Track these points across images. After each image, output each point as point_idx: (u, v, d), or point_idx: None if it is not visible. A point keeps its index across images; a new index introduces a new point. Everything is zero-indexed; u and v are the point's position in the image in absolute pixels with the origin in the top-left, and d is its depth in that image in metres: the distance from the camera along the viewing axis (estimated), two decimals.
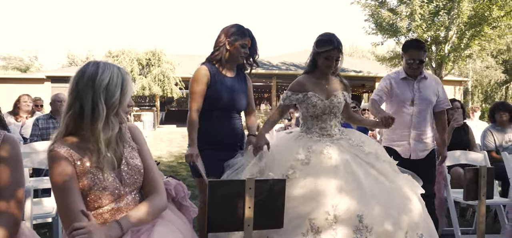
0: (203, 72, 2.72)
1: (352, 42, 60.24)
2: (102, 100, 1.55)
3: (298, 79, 2.85)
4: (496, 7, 13.10)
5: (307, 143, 2.66)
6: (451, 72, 17.04)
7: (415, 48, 3.35)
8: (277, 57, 26.99)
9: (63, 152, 1.53)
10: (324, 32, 2.77)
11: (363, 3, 16.03)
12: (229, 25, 2.82)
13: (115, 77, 1.59)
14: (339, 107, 2.79)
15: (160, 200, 1.68)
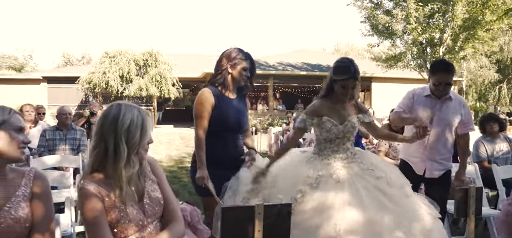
0: (208, 95, 2.84)
1: (347, 41, 60.66)
2: (123, 141, 1.70)
3: (314, 104, 2.88)
4: (488, 11, 13.37)
5: (317, 165, 2.71)
6: None
7: (444, 72, 3.28)
8: (274, 57, 27.12)
9: (93, 189, 1.68)
10: (342, 59, 2.84)
11: (360, 5, 16.23)
12: (230, 49, 2.96)
13: (136, 119, 1.75)
14: (352, 132, 2.84)
15: (179, 227, 1.85)
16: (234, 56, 2.88)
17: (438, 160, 3.34)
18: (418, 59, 16.02)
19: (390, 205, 2.50)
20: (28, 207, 1.65)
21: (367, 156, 2.86)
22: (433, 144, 3.30)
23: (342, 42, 60.11)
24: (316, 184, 2.59)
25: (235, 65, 2.87)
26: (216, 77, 2.92)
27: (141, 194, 1.81)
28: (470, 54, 15.15)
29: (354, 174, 2.65)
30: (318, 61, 26.46)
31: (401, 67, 17.55)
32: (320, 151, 2.84)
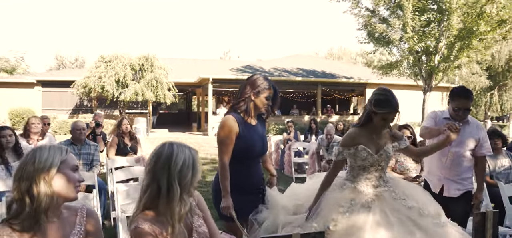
0: (233, 123, 2.87)
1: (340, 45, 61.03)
2: (176, 181, 1.76)
3: (350, 134, 2.92)
4: (483, 22, 13.67)
5: (350, 194, 2.77)
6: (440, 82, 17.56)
7: (463, 98, 3.43)
8: (269, 63, 27.29)
9: (147, 228, 1.74)
10: (382, 91, 2.83)
11: (356, 13, 16.43)
12: (254, 77, 3.00)
13: (187, 159, 1.81)
14: (387, 161, 2.88)
15: None
16: (258, 84, 2.91)
17: (456, 180, 3.48)
18: (413, 67, 16.24)
19: (420, 235, 2.53)
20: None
21: (399, 185, 2.89)
22: (450, 164, 3.46)
23: (335, 47, 60.50)
24: (349, 212, 2.64)
25: (259, 93, 2.91)
26: (239, 104, 2.95)
27: (189, 230, 1.87)
28: (464, 63, 15.44)
29: (386, 203, 2.69)
30: (313, 66, 26.67)
31: (396, 74, 17.78)
32: (353, 178, 2.87)
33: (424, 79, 16.21)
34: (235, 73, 22.71)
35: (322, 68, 26.70)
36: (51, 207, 1.66)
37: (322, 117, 22.78)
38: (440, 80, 17.12)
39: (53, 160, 1.66)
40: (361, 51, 55.75)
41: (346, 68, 29.46)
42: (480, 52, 15.27)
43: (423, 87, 16.59)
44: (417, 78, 16.67)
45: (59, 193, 1.67)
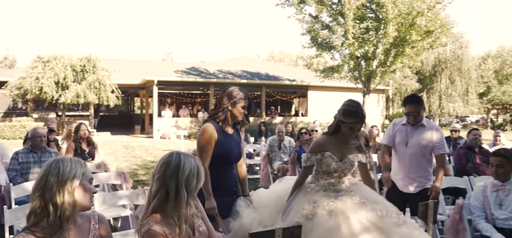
0: (213, 131, 3.09)
1: (281, 48, 62.46)
2: (183, 187, 1.97)
3: (318, 141, 3.16)
4: (414, 32, 14.99)
5: (313, 196, 2.97)
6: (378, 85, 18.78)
7: (412, 104, 3.91)
8: (213, 64, 27.36)
9: (158, 229, 1.92)
10: (352, 102, 3.07)
11: (301, 19, 17.11)
12: (231, 89, 3.22)
13: (193, 168, 2.02)
14: (350, 169, 3.07)
15: None
16: (235, 95, 3.14)
17: (414, 178, 3.93)
18: (353, 71, 17.24)
19: (379, 235, 2.73)
20: None
21: (361, 190, 3.09)
22: (409, 163, 3.94)
23: (275, 49, 61.75)
24: (312, 215, 2.85)
25: (235, 104, 3.13)
26: (218, 114, 3.17)
27: (192, 229, 2.09)
28: (398, 68, 16.73)
29: (347, 207, 2.87)
30: (257, 69, 27.14)
31: (338, 78, 18.73)
32: (317, 181, 3.09)
33: (363, 83, 17.28)
34: (180, 75, 22.58)
35: (266, 70, 27.25)
36: (71, 215, 1.82)
37: (266, 119, 23.29)
38: (378, 84, 18.34)
39: (75, 172, 1.81)
40: (301, 53, 57.78)
41: (288, 70, 30.26)
42: (412, 59, 16.63)
43: (362, 90, 17.65)
44: (357, 82, 17.71)
45: (79, 203, 1.82)
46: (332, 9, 16.11)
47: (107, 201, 3.67)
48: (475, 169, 5.92)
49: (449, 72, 33.51)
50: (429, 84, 34.45)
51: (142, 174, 9.44)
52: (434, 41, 16.49)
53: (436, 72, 33.88)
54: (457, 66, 33.33)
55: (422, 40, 15.53)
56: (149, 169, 10.25)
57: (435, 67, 33.87)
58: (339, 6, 15.94)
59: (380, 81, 17.93)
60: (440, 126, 19.01)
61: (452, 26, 16.96)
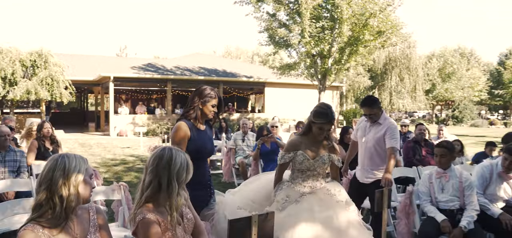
0: (186, 128, 3.28)
1: (237, 44, 62.68)
2: (175, 179, 2.18)
3: (292, 141, 3.44)
4: (367, 32, 15.77)
5: (286, 192, 3.26)
6: (333, 82, 19.51)
7: (365, 106, 4.24)
8: (171, 61, 27.15)
9: (152, 217, 2.12)
10: (323, 105, 3.36)
11: (258, 17, 17.43)
12: (202, 88, 3.41)
13: (183, 162, 2.23)
14: (322, 166, 3.31)
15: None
16: (205, 94, 3.34)
17: (368, 169, 4.26)
18: (310, 69, 17.82)
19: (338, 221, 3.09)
20: (101, 236, 2.08)
21: (332, 185, 3.37)
22: (364, 156, 4.32)
23: (232, 46, 61.92)
24: (282, 208, 3.15)
25: (206, 102, 3.33)
26: (189, 112, 3.36)
27: (181, 217, 2.32)
28: (352, 66, 17.51)
29: (314, 197, 3.21)
30: (214, 65, 27.22)
31: (294, 75, 19.26)
32: (293, 179, 3.35)
33: (319, 80, 17.91)
34: (137, 71, 22.25)
35: (223, 67, 27.39)
36: (75, 207, 1.99)
37: (224, 115, 23.49)
38: (333, 81, 19.06)
39: (80, 167, 1.96)
40: (257, 50, 58.33)
41: (245, 67, 30.54)
42: (364, 57, 17.46)
43: (318, 87, 18.29)
44: (313, 79, 18.32)
45: (82, 195, 1.99)
46: (289, 8, 16.57)
47: None
48: (421, 160, 6.49)
49: (398, 70, 35.35)
50: (380, 81, 36.14)
51: (104, 172, 9.37)
52: (385, 41, 17.42)
53: (387, 70, 35.65)
54: (406, 65, 35.22)
55: (374, 40, 16.37)
56: (110, 167, 10.19)
57: (386, 65, 35.66)
58: (296, 5, 16.42)
59: (335, 78, 18.66)
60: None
61: (402, 27, 17.99)
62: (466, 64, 44.49)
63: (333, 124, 3.31)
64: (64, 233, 1.92)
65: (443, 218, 3.64)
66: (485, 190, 3.98)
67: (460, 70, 41.63)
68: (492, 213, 3.77)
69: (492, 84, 47.13)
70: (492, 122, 41.74)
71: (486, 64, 55.54)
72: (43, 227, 1.87)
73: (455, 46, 50.89)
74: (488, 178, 3.97)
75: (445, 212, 3.73)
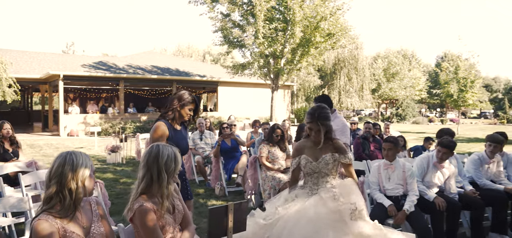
0: (164, 128, 3.59)
1: (189, 43, 62.09)
2: (163, 171, 2.47)
3: (296, 145, 3.52)
4: (318, 34, 16.52)
5: (296, 192, 3.38)
6: (285, 81, 20.13)
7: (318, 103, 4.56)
8: (123, 59, 26.62)
9: (149, 205, 2.39)
10: (314, 105, 3.50)
11: (213, 17, 17.66)
12: (181, 92, 3.74)
13: (170, 154, 2.52)
14: (327, 167, 3.31)
15: (192, 228, 2.72)
16: (184, 98, 3.69)
17: None
18: (263, 69, 18.33)
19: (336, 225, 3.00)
20: (103, 224, 2.34)
21: (344, 186, 3.29)
22: None
23: (183, 45, 61.28)
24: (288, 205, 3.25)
25: (184, 106, 3.68)
26: (168, 113, 3.69)
27: (172, 207, 2.61)
28: (304, 66, 18.22)
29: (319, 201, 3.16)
30: (167, 64, 27.06)
31: (248, 74, 19.69)
32: (305, 184, 3.44)
33: (272, 79, 18.46)
34: (88, 69, 21.69)
35: (176, 66, 27.29)
36: (82, 199, 2.23)
37: None
38: (285, 80, 19.70)
39: (86, 164, 2.20)
40: (208, 49, 58.23)
41: (198, 66, 30.57)
42: (315, 58, 18.23)
43: (271, 86, 18.84)
44: (266, 78, 18.83)
45: (88, 188, 2.23)
46: (243, 9, 16.96)
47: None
48: (370, 155, 7.11)
49: (347, 70, 36.94)
50: (330, 81, 37.56)
51: None
52: (335, 42, 18.29)
53: (336, 70, 37.14)
54: (354, 65, 36.87)
55: (324, 41, 17.17)
56: None
57: (335, 66, 37.12)
58: (250, 6, 16.83)
59: (287, 78, 19.30)
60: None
61: (350, 30, 18.95)
62: (408, 65, 47.19)
63: (323, 123, 3.29)
64: (73, 222, 2.16)
65: (390, 203, 4.18)
66: (423, 178, 4.58)
67: (403, 70, 44.09)
68: (428, 197, 4.36)
69: (431, 84, 50.37)
70: (431, 119, 44.69)
71: (425, 65, 59.22)
72: (55, 217, 2.10)
73: (398, 48, 53.74)
74: (426, 167, 4.59)
75: (391, 198, 4.27)
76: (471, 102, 33.96)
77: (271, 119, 18.82)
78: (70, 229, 2.12)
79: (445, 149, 4.48)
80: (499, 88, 70.02)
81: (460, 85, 33.86)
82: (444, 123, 40.55)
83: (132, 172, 9.43)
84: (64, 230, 2.09)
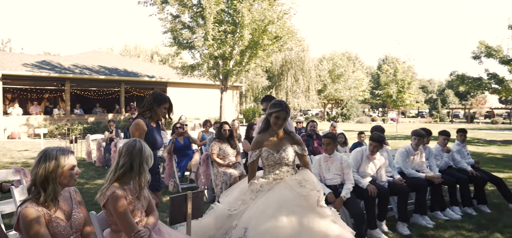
0: (143, 125, 3.96)
1: (137, 43, 60.85)
2: (144, 163, 2.85)
3: (255, 139, 3.64)
4: (266, 37, 17.16)
5: (260, 182, 3.55)
6: (234, 82, 20.56)
7: (266, 101, 4.92)
8: (68, 59, 25.78)
9: (121, 192, 2.72)
10: (277, 99, 3.67)
11: (163, 18, 17.73)
12: (157, 93, 4.14)
13: (150, 151, 2.92)
14: (288, 158, 3.53)
15: (156, 213, 3.08)
16: (160, 98, 4.07)
17: None
18: (212, 70, 18.66)
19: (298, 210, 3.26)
20: (81, 210, 2.64)
21: (303, 174, 3.53)
22: None
23: (131, 45, 59.95)
24: (255, 196, 3.47)
25: (160, 105, 4.06)
26: (145, 112, 4.06)
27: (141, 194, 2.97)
28: (252, 67, 18.78)
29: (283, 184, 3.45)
30: (114, 64, 26.55)
31: (197, 75, 19.93)
32: (265, 175, 3.62)
33: (221, 80, 18.84)
34: (31, 69, 20.80)
35: (124, 66, 26.85)
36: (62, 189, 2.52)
37: (126, 115, 23.14)
38: (234, 82, 20.15)
39: (66, 156, 2.48)
40: (156, 49, 57.40)
41: (147, 67, 30.24)
42: (263, 60, 18.85)
43: (220, 87, 19.21)
44: (215, 79, 19.18)
45: (68, 180, 2.51)
46: (193, 11, 17.20)
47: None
48: (314, 151, 7.71)
49: (294, 72, 38.13)
50: (277, 82, 38.56)
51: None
52: (282, 45, 19.00)
53: (283, 71, 38.21)
54: (300, 67, 38.13)
55: (272, 44, 17.84)
56: None
57: (282, 67, 38.19)
58: (199, 8, 17.11)
59: (236, 79, 19.76)
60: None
61: (297, 33, 19.75)
62: (352, 67, 49.44)
63: (289, 114, 3.57)
64: (56, 209, 2.46)
65: (329, 192, 4.74)
66: (358, 169, 5.20)
67: (347, 72, 46.16)
68: (362, 185, 4.97)
69: (373, 85, 53.06)
70: (373, 118, 47.11)
71: (368, 67, 62.24)
72: (39, 205, 2.38)
73: (343, 50, 56.07)
74: (360, 159, 5.21)
75: (330, 187, 4.82)
76: (408, 102, 36.30)
77: (220, 119, 19.17)
78: (54, 215, 2.42)
79: (375, 143, 5.13)
80: (433, 89, 75.07)
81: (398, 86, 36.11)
82: (386, 121, 42.96)
83: (84, 173, 9.42)
84: (49, 216, 2.38)
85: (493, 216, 5.82)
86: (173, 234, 3.08)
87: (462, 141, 6.94)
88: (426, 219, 5.41)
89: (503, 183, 6.42)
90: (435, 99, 69.74)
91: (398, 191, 5.26)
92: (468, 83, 21.61)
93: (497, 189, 6.52)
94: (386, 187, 5.20)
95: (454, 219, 5.63)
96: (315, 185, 3.42)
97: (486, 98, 54.86)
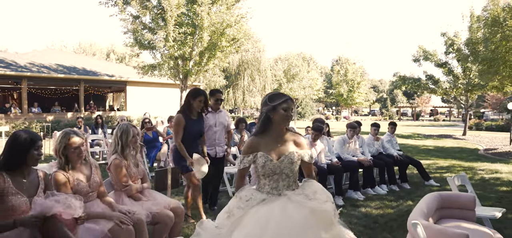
0: (181, 119, 4.86)
1: (92, 40, 59.82)
2: (129, 141, 3.85)
3: (248, 141, 2.80)
4: (224, 39, 18.20)
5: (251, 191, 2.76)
6: (193, 82, 21.39)
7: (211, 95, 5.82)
8: (24, 56, 25.46)
9: (119, 161, 3.72)
10: (271, 93, 2.84)
11: (123, 18, 18.23)
12: (194, 89, 5.01)
13: (136, 131, 3.90)
14: (291, 167, 2.72)
15: (149, 182, 4.08)
16: (194, 93, 4.95)
17: (220, 145, 5.72)
18: (173, 70, 19.39)
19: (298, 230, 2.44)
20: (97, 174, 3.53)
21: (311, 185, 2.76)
22: (217, 137, 5.70)
23: (86, 43, 58.87)
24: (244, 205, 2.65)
25: (195, 99, 4.94)
26: (184, 107, 4.99)
27: (136, 163, 3.95)
28: (211, 68, 19.74)
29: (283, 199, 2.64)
30: (72, 63, 26.51)
31: (158, 75, 20.61)
32: (260, 188, 2.77)
33: (181, 80, 19.62)
34: None
35: (83, 65, 26.86)
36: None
37: (85, 114, 23.30)
38: (194, 81, 21.01)
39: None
40: (112, 47, 56.72)
41: (106, 65, 30.28)
42: (221, 60, 19.84)
43: (180, 86, 19.97)
44: (175, 79, 19.91)
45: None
46: (154, 13, 17.89)
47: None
48: None
49: (250, 72, 39.39)
50: (234, 81, 39.68)
51: None
52: (239, 46, 20.08)
53: (240, 71, 39.40)
54: (257, 67, 39.44)
55: (229, 46, 18.87)
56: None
57: (239, 67, 39.35)
58: (160, 10, 17.82)
59: (195, 78, 20.62)
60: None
61: (253, 35, 20.88)
62: (307, 67, 51.34)
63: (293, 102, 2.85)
64: (78, 172, 3.37)
65: None
66: None
67: (302, 72, 47.91)
68: None
69: (327, 84, 55.36)
70: (327, 116, 49.30)
71: (323, 67, 64.69)
72: (65, 171, 3.28)
73: (298, 51, 58.00)
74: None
75: None
76: (358, 101, 38.43)
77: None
78: (76, 177, 3.34)
79: (315, 131, 6.33)
80: (384, 89, 79.14)
81: (349, 86, 38.17)
82: (339, 120, 45.15)
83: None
84: (73, 178, 3.31)
85: (411, 190, 7.21)
86: (158, 197, 4.09)
87: (392, 132, 8.34)
88: (358, 194, 6.68)
89: (420, 164, 7.88)
90: (385, 99, 73.63)
91: (334, 171, 6.49)
92: (408, 83, 23.66)
93: (417, 171, 7.97)
94: (325, 168, 6.40)
95: (381, 193, 6.94)
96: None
97: (430, 98, 58.71)
